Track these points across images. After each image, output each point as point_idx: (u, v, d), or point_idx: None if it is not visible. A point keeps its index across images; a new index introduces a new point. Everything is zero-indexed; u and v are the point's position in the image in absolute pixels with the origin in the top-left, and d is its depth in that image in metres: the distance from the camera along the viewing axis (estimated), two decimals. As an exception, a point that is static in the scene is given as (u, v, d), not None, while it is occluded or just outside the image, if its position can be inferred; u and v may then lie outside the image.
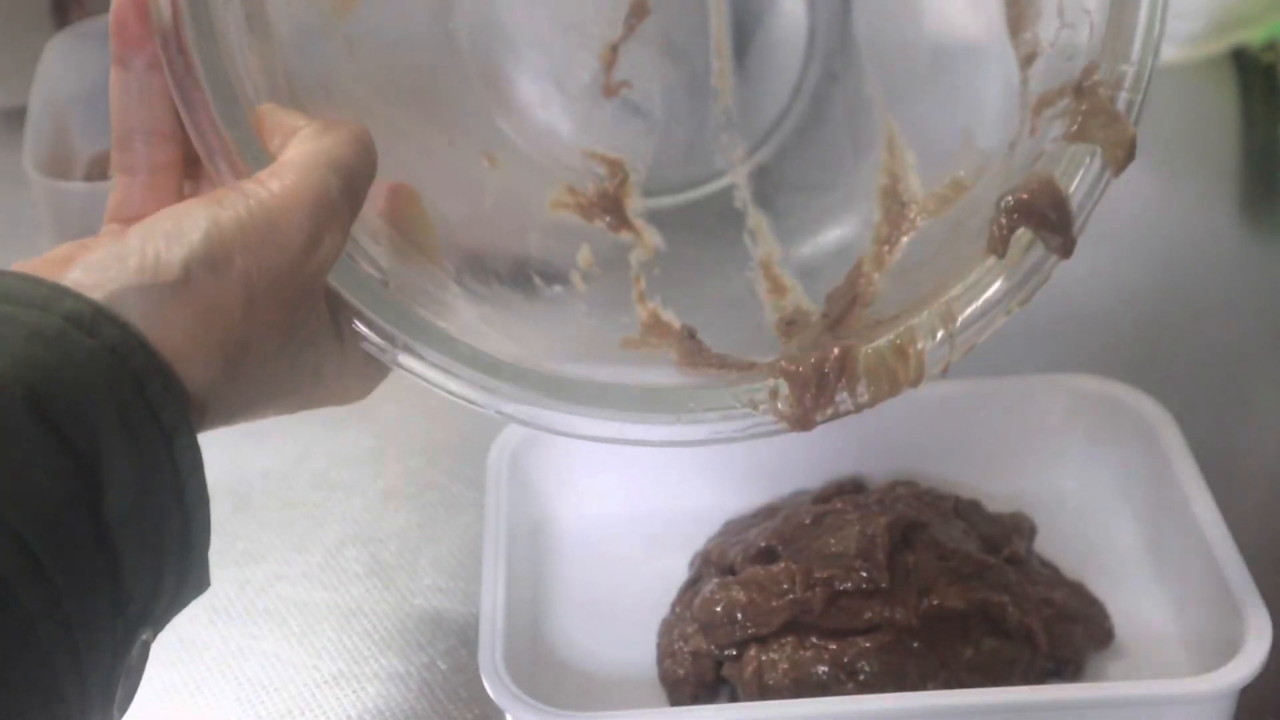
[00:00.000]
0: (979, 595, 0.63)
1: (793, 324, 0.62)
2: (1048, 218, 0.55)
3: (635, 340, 0.61)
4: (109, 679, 0.43)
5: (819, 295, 0.63)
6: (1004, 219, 0.56)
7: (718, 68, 0.68)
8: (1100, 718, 0.60)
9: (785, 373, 0.56)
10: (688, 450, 0.57)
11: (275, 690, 0.68)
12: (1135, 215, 0.93)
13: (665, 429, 0.57)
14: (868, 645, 0.63)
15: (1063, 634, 0.65)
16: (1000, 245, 0.56)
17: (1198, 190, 1.00)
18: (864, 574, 0.64)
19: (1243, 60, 1.07)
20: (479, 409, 0.56)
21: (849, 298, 0.61)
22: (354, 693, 0.68)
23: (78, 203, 0.84)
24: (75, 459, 0.42)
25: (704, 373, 0.58)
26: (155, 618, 0.45)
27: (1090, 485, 0.73)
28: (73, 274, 0.45)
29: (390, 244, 0.57)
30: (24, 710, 0.40)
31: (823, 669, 0.62)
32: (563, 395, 0.56)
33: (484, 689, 0.60)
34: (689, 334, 0.61)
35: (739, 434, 0.57)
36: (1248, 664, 0.59)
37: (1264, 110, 1.05)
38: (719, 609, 0.64)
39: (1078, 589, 0.67)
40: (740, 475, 0.73)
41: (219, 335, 0.46)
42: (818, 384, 0.56)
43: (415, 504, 0.78)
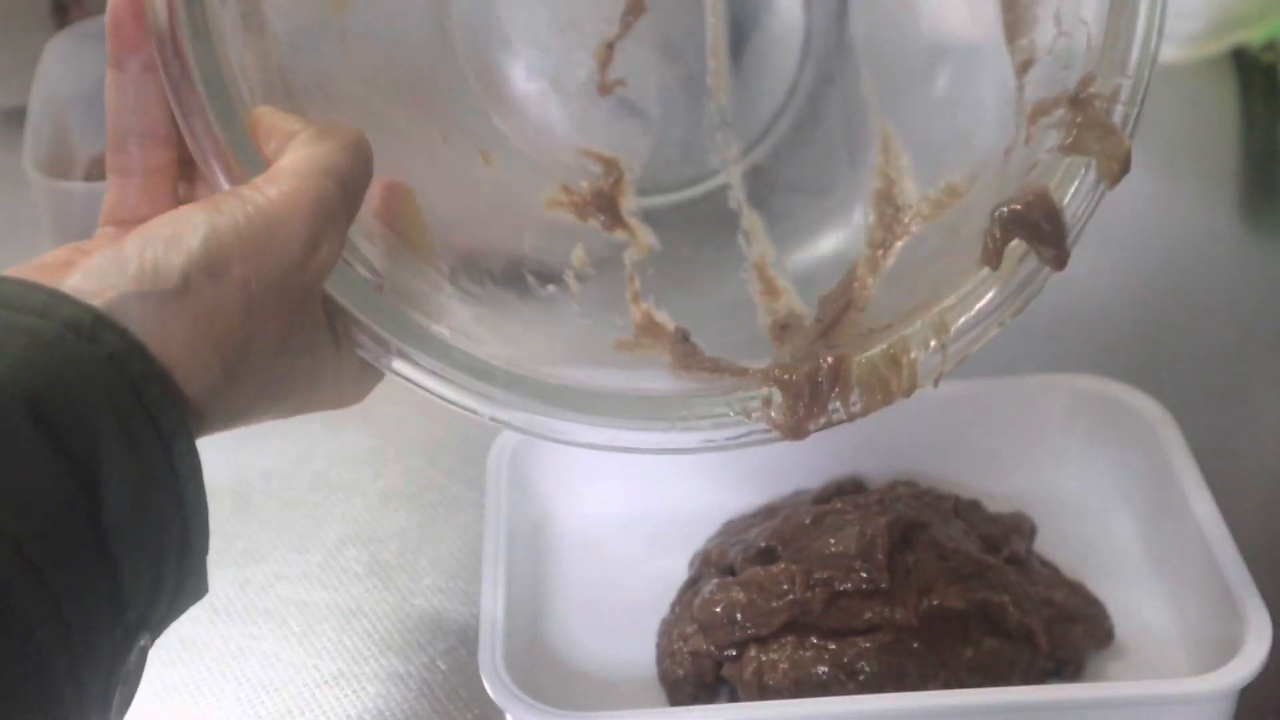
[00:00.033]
0: (979, 595, 0.63)
1: (786, 328, 0.62)
2: (1042, 229, 0.55)
3: (628, 342, 0.61)
4: (107, 684, 0.43)
5: (813, 299, 0.63)
6: (998, 230, 0.56)
7: (713, 67, 0.68)
8: (1100, 718, 0.60)
9: (778, 381, 0.57)
10: (685, 453, 0.57)
11: (275, 690, 0.68)
12: (1135, 215, 0.93)
13: (659, 436, 0.57)
14: (868, 645, 0.63)
15: (1063, 634, 0.65)
16: (994, 257, 0.56)
17: (1198, 190, 1.00)
18: (864, 574, 0.64)
19: (1243, 60, 1.07)
20: (473, 415, 0.56)
21: (843, 302, 0.61)
22: (354, 693, 0.68)
23: (78, 203, 0.84)
24: (74, 465, 0.42)
25: (697, 376, 0.58)
26: (153, 623, 0.45)
27: (1090, 485, 0.73)
28: (71, 280, 0.44)
29: (385, 244, 0.57)
30: (22, 715, 0.40)
31: (823, 669, 0.62)
32: (557, 402, 0.56)
33: (484, 689, 0.60)
34: (682, 336, 0.61)
35: (732, 442, 0.57)
36: (1248, 664, 0.59)
37: (1264, 110, 1.05)
38: (719, 609, 0.64)
39: (1078, 589, 0.67)
40: (740, 475, 0.73)
41: (217, 341, 0.46)
42: (811, 393, 0.56)
43: (415, 504, 0.78)
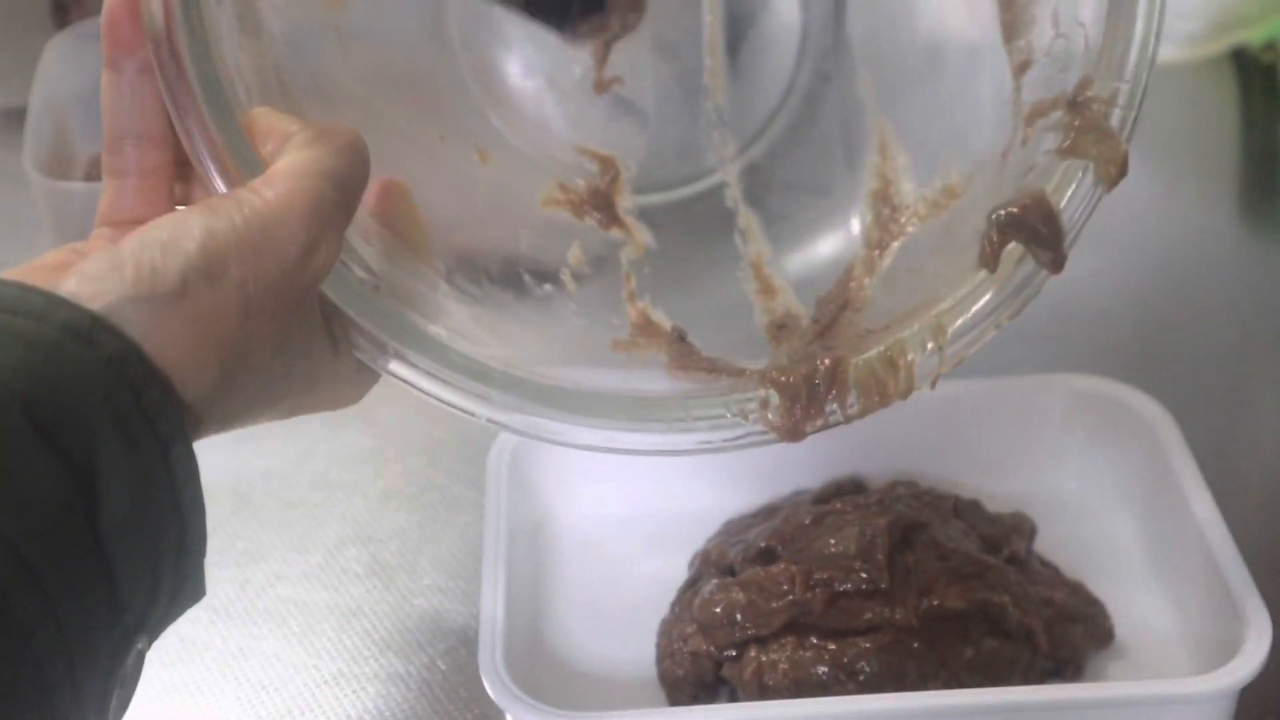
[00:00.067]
0: (979, 595, 0.63)
1: (783, 328, 0.62)
2: (1039, 232, 0.55)
3: (625, 342, 0.61)
4: (104, 688, 0.43)
5: (810, 299, 0.63)
6: (995, 233, 0.55)
7: (710, 65, 0.68)
8: (1100, 718, 0.60)
9: (775, 383, 0.56)
10: (682, 454, 0.57)
11: (275, 690, 0.68)
12: (1135, 215, 0.93)
13: (656, 438, 0.57)
14: (868, 646, 0.63)
15: (1063, 634, 0.65)
16: (991, 260, 0.56)
17: (1198, 190, 1.00)
18: (864, 574, 0.63)
19: (1243, 60, 1.07)
20: (470, 417, 0.56)
21: (839, 302, 0.61)
22: (354, 693, 0.68)
23: (78, 203, 0.84)
24: (71, 468, 0.42)
25: (694, 376, 0.58)
26: (151, 626, 0.45)
27: (1090, 485, 0.73)
28: (68, 284, 0.44)
29: (381, 243, 0.57)
30: (20, 717, 0.40)
31: (823, 669, 0.62)
32: (554, 403, 0.56)
33: (484, 689, 0.60)
34: (679, 336, 0.61)
35: (729, 444, 0.57)
36: (1248, 664, 0.59)
37: (1264, 110, 1.05)
38: (719, 610, 0.64)
39: (1078, 589, 0.67)
40: (740, 475, 0.73)
41: (215, 344, 0.46)
42: (808, 395, 0.56)
43: (415, 504, 0.78)
